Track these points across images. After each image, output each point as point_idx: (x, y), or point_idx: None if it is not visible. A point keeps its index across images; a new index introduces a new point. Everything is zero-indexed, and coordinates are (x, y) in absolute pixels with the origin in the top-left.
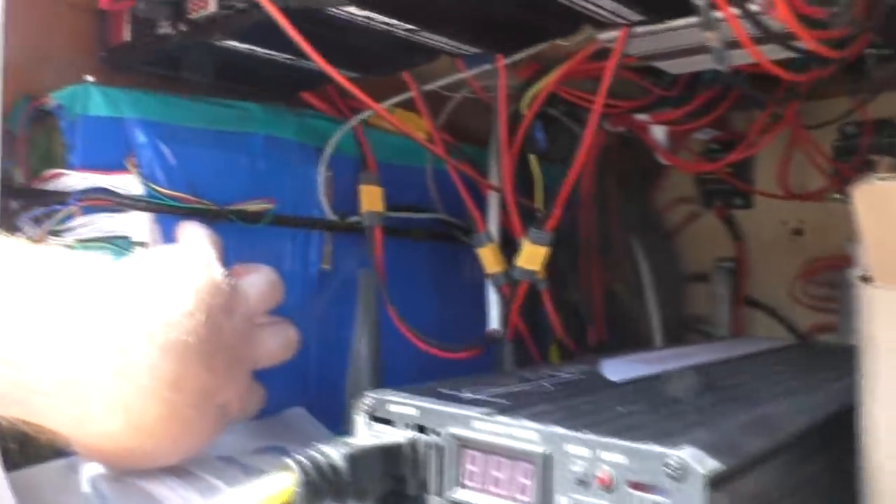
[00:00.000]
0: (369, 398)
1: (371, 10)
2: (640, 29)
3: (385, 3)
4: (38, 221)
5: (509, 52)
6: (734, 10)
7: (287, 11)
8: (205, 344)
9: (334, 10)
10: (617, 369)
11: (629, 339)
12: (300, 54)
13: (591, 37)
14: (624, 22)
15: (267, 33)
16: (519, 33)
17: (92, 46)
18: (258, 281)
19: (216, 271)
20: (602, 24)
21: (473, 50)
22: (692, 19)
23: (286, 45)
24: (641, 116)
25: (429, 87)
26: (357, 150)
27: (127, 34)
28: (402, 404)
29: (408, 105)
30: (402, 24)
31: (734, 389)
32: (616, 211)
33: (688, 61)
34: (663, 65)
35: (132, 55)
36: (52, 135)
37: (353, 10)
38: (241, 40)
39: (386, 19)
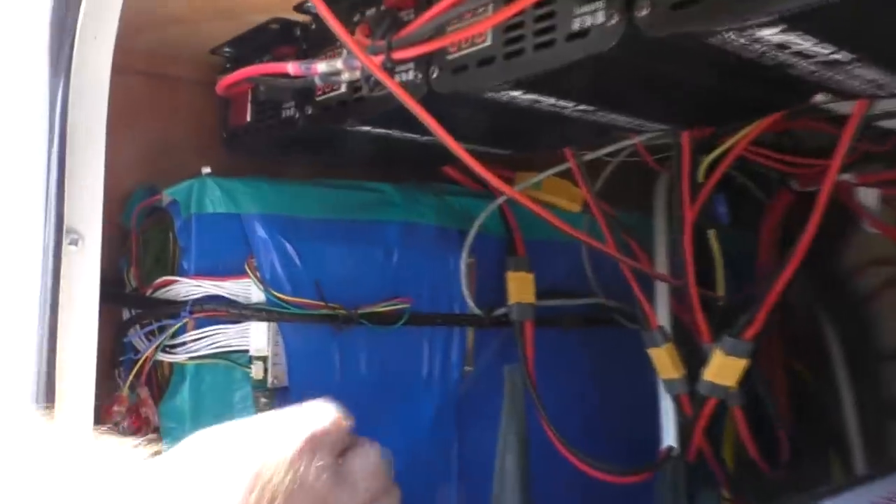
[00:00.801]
0: None
1: (538, 93)
2: None
3: (557, 88)
4: (150, 336)
5: (699, 127)
6: None
7: (431, 98)
8: None
9: (493, 94)
10: None
11: (818, 433)
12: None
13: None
14: (880, 94)
15: (404, 117)
16: (730, 109)
17: (215, 130)
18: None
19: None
20: (844, 95)
21: (658, 128)
22: None
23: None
24: (844, 176)
25: (590, 156)
26: (503, 230)
27: (248, 116)
28: None
29: (564, 174)
30: (576, 105)
31: None
32: (798, 277)
33: None
34: (886, 123)
35: (254, 138)
36: (166, 234)
37: (516, 93)
38: (376, 125)
39: (556, 101)
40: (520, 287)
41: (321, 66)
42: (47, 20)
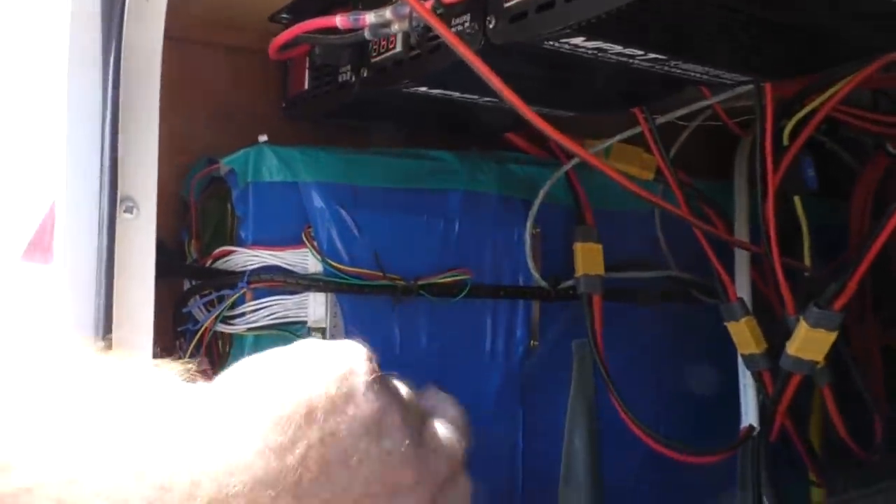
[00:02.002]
0: None
1: (605, 40)
2: None
3: (625, 32)
4: (209, 307)
5: (787, 77)
6: None
7: (489, 51)
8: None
9: (554, 43)
10: None
11: None
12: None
13: None
14: None
15: (463, 76)
16: (816, 53)
17: (276, 99)
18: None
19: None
20: None
21: (739, 79)
22: None
23: (487, 87)
24: None
25: (663, 119)
26: (570, 199)
27: (307, 83)
28: None
29: (635, 140)
30: (646, 53)
31: None
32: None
33: None
34: None
35: (313, 105)
36: (225, 204)
37: (578, 41)
38: (434, 86)
39: (622, 49)
40: (588, 258)
41: (370, 17)
42: None
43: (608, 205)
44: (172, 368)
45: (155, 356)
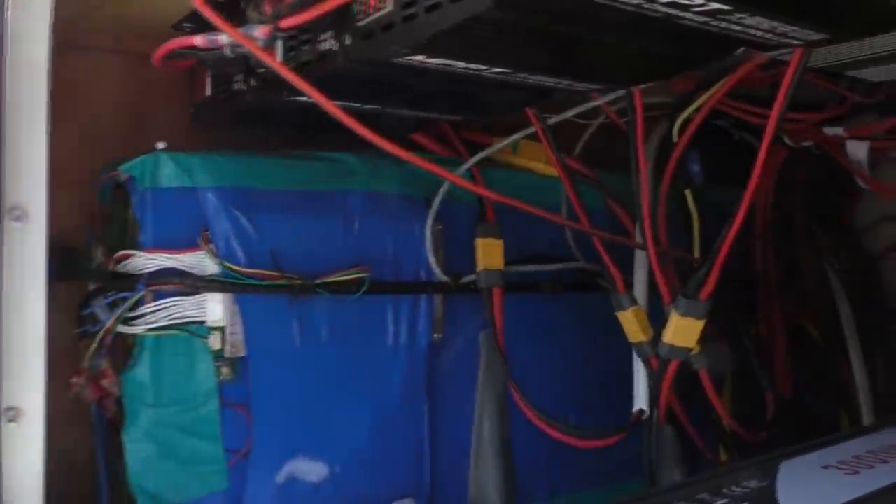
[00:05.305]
0: None
1: (444, 58)
2: None
3: (460, 51)
4: (113, 307)
5: (643, 83)
6: None
7: (353, 66)
8: None
9: (402, 60)
10: (798, 492)
11: (826, 392)
12: (388, 102)
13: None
14: (799, 43)
15: (339, 86)
16: (658, 66)
17: (188, 105)
18: None
19: None
20: (769, 48)
21: (594, 87)
22: None
23: (365, 95)
24: (833, 130)
25: (555, 119)
26: (473, 196)
27: (208, 89)
28: None
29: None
30: (490, 68)
31: None
32: (805, 235)
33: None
34: (859, 73)
35: (214, 112)
36: (127, 209)
37: (421, 58)
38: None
39: (467, 65)
40: (488, 253)
41: (224, 38)
42: None
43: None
44: None
45: (59, 357)
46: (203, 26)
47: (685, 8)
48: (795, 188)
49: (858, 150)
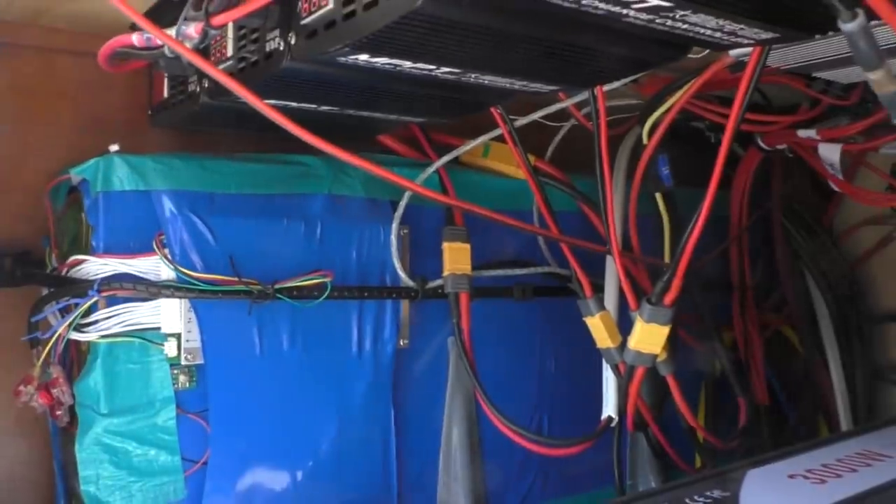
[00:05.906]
0: None
1: (387, 56)
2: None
3: (401, 51)
4: (65, 312)
5: (601, 84)
6: None
7: (299, 65)
8: None
9: (347, 59)
10: (760, 502)
11: (804, 399)
12: (343, 104)
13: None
14: (750, 42)
15: (289, 87)
16: (615, 66)
17: (146, 106)
18: None
19: None
20: (722, 47)
21: (551, 88)
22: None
23: (319, 97)
24: (807, 133)
25: (522, 121)
26: None
27: (165, 91)
28: None
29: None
30: (438, 67)
31: None
32: (782, 240)
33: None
34: (824, 74)
35: (172, 114)
36: (80, 213)
37: (366, 57)
38: (269, 98)
39: (410, 64)
40: (455, 258)
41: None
42: None
43: (488, 204)
44: None
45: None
46: (159, 24)
47: (626, 5)
48: (773, 192)
49: (831, 153)
